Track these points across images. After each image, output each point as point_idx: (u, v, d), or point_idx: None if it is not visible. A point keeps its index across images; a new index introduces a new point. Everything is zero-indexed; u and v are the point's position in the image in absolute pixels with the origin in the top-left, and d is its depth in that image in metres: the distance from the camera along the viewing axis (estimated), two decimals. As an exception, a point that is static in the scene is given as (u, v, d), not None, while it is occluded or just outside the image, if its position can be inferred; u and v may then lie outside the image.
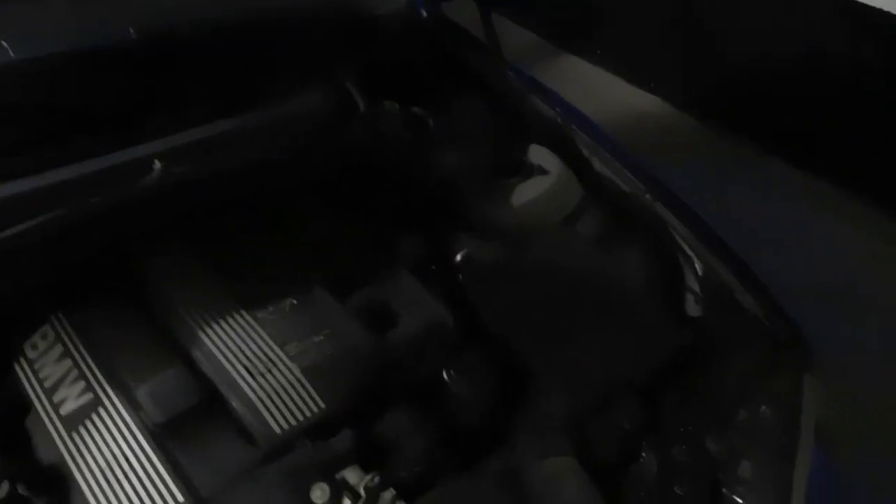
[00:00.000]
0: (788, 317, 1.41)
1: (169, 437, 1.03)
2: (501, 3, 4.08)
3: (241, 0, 1.58)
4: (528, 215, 1.49)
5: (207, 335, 1.13)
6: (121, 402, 1.06)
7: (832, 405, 1.34)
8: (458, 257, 1.37)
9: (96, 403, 1.07)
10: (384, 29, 1.81)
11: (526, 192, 1.52)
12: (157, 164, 1.28)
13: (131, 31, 1.38)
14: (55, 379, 1.10)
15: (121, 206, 1.24)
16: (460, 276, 1.33)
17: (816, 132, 3.09)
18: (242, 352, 1.11)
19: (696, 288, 1.44)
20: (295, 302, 1.20)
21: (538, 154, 1.59)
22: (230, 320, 1.15)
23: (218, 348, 1.11)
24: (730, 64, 3.31)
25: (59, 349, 1.13)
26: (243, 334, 1.13)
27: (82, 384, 1.09)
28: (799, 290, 2.38)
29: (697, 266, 1.45)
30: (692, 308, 1.45)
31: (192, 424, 1.05)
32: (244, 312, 1.17)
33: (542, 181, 1.53)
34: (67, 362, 1.12)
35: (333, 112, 1.48)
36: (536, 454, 1.11)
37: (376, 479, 0.98)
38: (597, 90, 3.68)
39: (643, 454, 1.20)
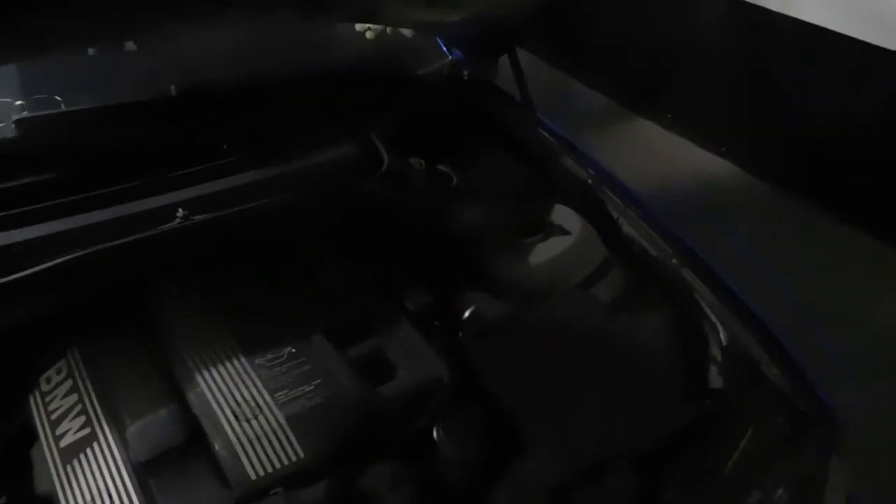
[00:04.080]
0: (818, 393, 1.32)
1: (151, 474, 1.05)
2: (573, 65, 4.17)
3: (283, 56, 1.67)
4: (542, 275, 1.47)
5: (203, 376, 1.16)
6: (113, 438, 1.10)
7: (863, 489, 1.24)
8: (466, 314, 1.36)
9: (92, 439, 1.11)
10: (424, 88, 1.86)
11: (543, 252, 1.50)
12: (180, 212, 1.35)
13: (173, 89, 1.48)
14: (60, 412, 1.16)
15: (143, 248, 1.31)
16: (462, 333, 1.31)
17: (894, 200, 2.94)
18: (233, 395, 1.14)
19: (718, 357, 1.38)
20: (293, 350, 1.22)
21: (561, 214, 1.57)
22: (227, 363, 1.19)
23: (210, 390, 1.14)
24: (802, 128, 3.20)
25: (68, 384, 1.19)
26: (237, 378, 1.16)
27: (83, 419, 1.14)
28: (854, 367, 2.26)
29: (721, 334, 1.39)
30: (713, 379, 1.38)
31: (175, 463, 1.07)
32: (242, 357, 1.20)
33: (562, 241, 1.51)
34: (74, 397, 1.17)
35: (356, 167, 1.52)
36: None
37: None
38: (666, 153, 3.64)
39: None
